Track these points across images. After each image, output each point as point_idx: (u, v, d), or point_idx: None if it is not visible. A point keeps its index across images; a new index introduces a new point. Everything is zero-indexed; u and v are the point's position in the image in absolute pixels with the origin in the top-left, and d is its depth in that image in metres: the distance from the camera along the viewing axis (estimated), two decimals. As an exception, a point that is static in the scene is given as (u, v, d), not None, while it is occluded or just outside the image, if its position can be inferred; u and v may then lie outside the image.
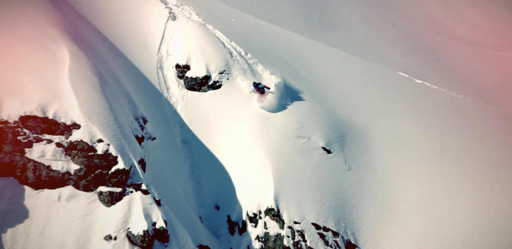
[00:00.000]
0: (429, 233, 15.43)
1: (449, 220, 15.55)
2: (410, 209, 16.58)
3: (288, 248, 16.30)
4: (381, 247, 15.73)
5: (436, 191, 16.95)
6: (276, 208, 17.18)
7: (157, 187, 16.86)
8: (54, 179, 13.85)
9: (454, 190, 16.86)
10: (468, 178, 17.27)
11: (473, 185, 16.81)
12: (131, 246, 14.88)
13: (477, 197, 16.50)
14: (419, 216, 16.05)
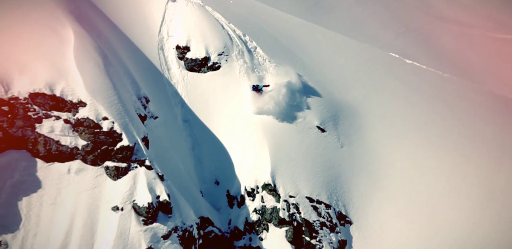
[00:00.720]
0: (414, 202, 16.51)
1: (433, 190, 16.63)
2: (396, 181, 17.62)
3: (283, 219, 17.40)
4: (369, 217, 16.88)
5: (421, 164, 17.96)
6: (273, 183, 18.10)
7: (160, 163, 17.65)
8: (63, 153, 14.58)
9: (439, 163, 17.89)
10: (452, 152, 18.26)
11: (457, 158, 17.81)
12: (137, 216, 15.86)
13: (460, 168, 17.54)
14: (405, 187, 17.10)
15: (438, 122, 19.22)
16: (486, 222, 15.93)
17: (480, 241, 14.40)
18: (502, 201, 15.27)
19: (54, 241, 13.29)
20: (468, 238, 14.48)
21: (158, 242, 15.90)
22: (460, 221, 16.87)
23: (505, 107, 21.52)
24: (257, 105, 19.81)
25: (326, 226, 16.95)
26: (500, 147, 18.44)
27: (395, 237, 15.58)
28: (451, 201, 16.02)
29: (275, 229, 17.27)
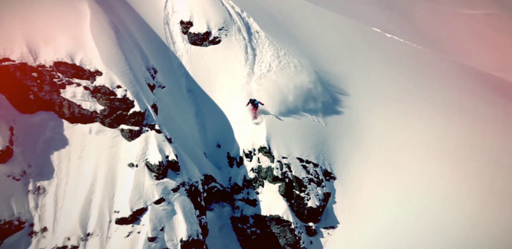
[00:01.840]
0: (389, 158, 18.64)
1: (405, 146, 18.77)
2: (375, 141, 19.65)
3: (277, 177, 19.58)
4: (350, 173, 19.09)
5: (397, 125, 20.03)
6: (268, 146, 20.07)
7: (168, 127, 19.56)
8: (84, 115, 16.41)
9: (413, 124, 20.03)
10: (422, 114, 20.43)
11: (426, 119, 20.00)
12: (149, 172, 18.01)
13: (428, 128, 19.71)
14: (382, 145, 19.13)
15: (412, 89, 21.17)
16: (448, 168, 18.12)
17: (446, 184, 16.76)
18: (457, 151, 17.66)
19: (82, 189, 15.44)
20: (435, 182, 16.85)
21: (169, 194, 18.19)
22: (427, 170, 18.99)
23: (467, 74, 23.56)
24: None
25: (313, 181, 19.23)
26: (459, 107, 20.95)
27: (373, 189, 17.88)
28: (419, 154, 18.30)
29: (270, 185, 19.53)
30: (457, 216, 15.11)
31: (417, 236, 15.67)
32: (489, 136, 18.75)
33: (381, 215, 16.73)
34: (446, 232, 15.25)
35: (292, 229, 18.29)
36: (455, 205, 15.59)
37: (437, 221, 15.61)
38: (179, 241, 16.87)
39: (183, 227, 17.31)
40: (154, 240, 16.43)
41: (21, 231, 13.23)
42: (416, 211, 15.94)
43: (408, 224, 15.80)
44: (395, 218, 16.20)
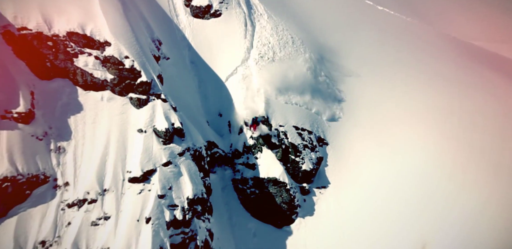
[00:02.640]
0: (377, 124, 20.00)
1: (392, 113, 20.04)
2: (364, 108, 20.93)
3: (274, 143, 21.05)
4: (341, 138, 20.46)
5: (385, 93, 21.26)
6: (266, 116, 21.42)
7: (173, 97, 20.67)
8: (96, 83, 17.47)
9: (400, 91, 21.27)
10: (410, 83, 21.64)
11: (413, 87, 21.27)
12: (157, 138, 19.36)
13: (413, 96, 20.98)
14: (371, 112, 20.43)
15: (399, 59, 22.21)
16: (430, 131, 19.54)
17: (429, 146, 18.24)
18: (439, 115, 19.10)
19: (97, 150, 16.81)
20: (419, 144, 18.40)
21: (175, 158, 19.66)
22: (411, 134, 20.32)
23: (449, 44, 24.51)
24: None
25: (308, 147, 20.74)
26: (441, 75, 22.15)
27: (362, 152, 19.37)
28: (404, 119, 19.63)
29: (268, 151, 20.99)
30: (440, 176, 16.61)
31: (402, 194, 17.31)
32: (467, 100, 20.03)
33: (369, 175, 18.37)
34: (429, 190, 16.87)
35: (287, 189, 20.02)
36: (437, 165, 17.09)
37: (420, 180, 17.21)
38: (186, 199, 18.53)
39: (189, 187, 18.95)
40: (163, 198, 18.09)
41: (47, 184, 14.74)
42: (401, 171, 17.50)
43: (394, 183, 17.41)
44: (382, 178, 17.83)
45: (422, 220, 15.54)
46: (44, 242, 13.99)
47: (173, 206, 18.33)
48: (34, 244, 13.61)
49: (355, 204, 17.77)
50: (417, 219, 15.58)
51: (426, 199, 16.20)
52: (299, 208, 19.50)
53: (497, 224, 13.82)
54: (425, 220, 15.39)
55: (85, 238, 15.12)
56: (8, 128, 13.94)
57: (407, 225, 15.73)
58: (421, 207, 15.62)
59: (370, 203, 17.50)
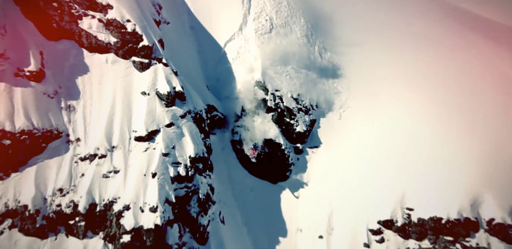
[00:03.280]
0: (367, 87, 21.01)
1: (383, 75, 21.07)
2: (355, 72, 21.84)
3: (270, 107, 21.94)
4: (333, 101, 21.72)
5: (375, 56, 21.99)
6: (263, 81, 22.21)
7: (174, 61, 21.19)
8: (100, 46, 17.89)
9: (389, 54, 21.99)
10: (399, 46, 22.44)
11: (402, 50, 22.14)
12: (160, 101, 20.13)
13: (406, 58, 21.67)
14: (361, 75, 21.38)
15: (389, 23, 22.75)
16: (417, 92, 20.36)
17: (415, 106, 19.06)
18: (426, 77, 20.21)
19: (104, 110, 17.60)
20: (406, 106, 19.25)
21: (177, 119, 20.62)
22: (399, 95, 20.88)
23: (436, 6, 24.86)
24: None
25: (302, 110, 21.73)
26: (427, 37, 22.95)
27: (352, 114, 20.41)
28: (393, 81, 20.68)
29: (264, 114, 22.06)
30: (424, 133, 17.65)
31: (388, 150, 18.48)
32: (451, 62, 20.81)
33: (357, 135, 19.55)
34: (413, 146, 17.96)
35: (282, 149, 21.33)
36: (422, 123, 17.94)
37: (405, 137, 18.30)
38: (188, 157, 19.72)
39: (190, 147, 20.10)
40: (167, 156, 19.27)
41: (60, 139, 15.70)
42: (388, 129, 18.57)
43: (381, 140, 18.57)
44: (369, 137, 18.98)
45: (403, 172, 16.89)
46: (62, 190, 15.24)
47: (176, 163, 19.57)
48: (53, 190, 14.84)
49: (344, 161, 19.14)
50: (399, 172, 16.92)
51: (409, 154, 17.47)
52: (293, 166, 20.92)
53: (469, 175, 15.31)
54: (406, 173, 16.76)
55: (98, 188, 16.41)
56: (22, 85, 14.61)
57: (390, 177, 17.16)
58: (404, 161, 16.93)
59: (357, 159, 18.83)
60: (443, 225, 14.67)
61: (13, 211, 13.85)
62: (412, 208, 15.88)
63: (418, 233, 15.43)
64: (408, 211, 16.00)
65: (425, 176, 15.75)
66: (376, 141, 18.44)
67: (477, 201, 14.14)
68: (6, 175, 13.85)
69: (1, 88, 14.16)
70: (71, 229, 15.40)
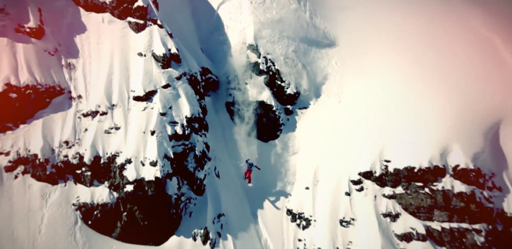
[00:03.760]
0: (356, 50, 21.56)
1: (371, 38, 21.66)
2: (346, 35, 22.44)
3: (262, 70, 22.59)
4: (323, 63, 22.60)
5: (365, 21, 22.52)
6: (255, 44, 22.64)
7: (169, 24, 21.37)
8: (96, 5, 18.00)
9: (377, 18, 22.42)
10: (387, 10, 22.74)
11: (393, 14, 22.72)
12: (156, 62, 20.62)
13: (393, 22, 22.37)
14: (351, 39, 22.03)
15: None
16: (403, 55, 20.92)
17: (400, 68, 19.82)
18: (410, 41, 20.99)
19: (103, 70, 18.15)
20: (392, 66, 19.90)
21: (173, 81, 21.26)
22: (386, 58, 21.27)
23: None
24: None
25: (292, 73, 22.56)
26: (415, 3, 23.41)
27: (339, 78, 21.35)
28: (381, 45, 21.23)
29: (256, 77, 22.85)
30: (405, 92, 18.72)
31: (372, 107, 19.55)
32: (437, 27, 21.30)
33: (344, 96, 20.66)
34: (395, 103, 18.93)
35: (273, 110, 22.36)
36: (407, 80, 18.91)
37: (390, 95, 19.10)
38: (184, 117, 20.66)
39: (186, 107, 20.96)
40: (164, 115, 20.15)
41: (63, 95, 16.40)
42: (374, 90, 19.58)
43: (366, 101, 19.65)
44: (355, 97, 20.09)
45: (384, 129, 18.11)
46: (68, 142, 16.22)
47: (173, 123, 20.56)
48: (60, 142, 15.81)
49: (331, 120, 20.30)
50: (381, 128, 18.21)
51: (390, 111, 18.58)
52: (283, 126, 22.13)
53: (441, 128, 16.71)
54: (387, 129, 17.99)
55: (101, 143, 17.43)
56: (23, 41, 14.97)
57: (372, 133, 18.42)
58: (385, 118, 18.04)
59: (343, 117, 19.90)
60: (415, 173, 16.25)
61: (24, 158, 14.89)
62: (390, 160, 17.38)
63: (393, 181, 17.06)
64: (386, 162, 17.51)
65: (403, 130, 17.05)
66: (362, 100, 19.53)
67: (446, 150, 15.61)
68: (16, 126, 14.71)
69: (4, 43, 14.57)
70: (79, 178, 16.61)
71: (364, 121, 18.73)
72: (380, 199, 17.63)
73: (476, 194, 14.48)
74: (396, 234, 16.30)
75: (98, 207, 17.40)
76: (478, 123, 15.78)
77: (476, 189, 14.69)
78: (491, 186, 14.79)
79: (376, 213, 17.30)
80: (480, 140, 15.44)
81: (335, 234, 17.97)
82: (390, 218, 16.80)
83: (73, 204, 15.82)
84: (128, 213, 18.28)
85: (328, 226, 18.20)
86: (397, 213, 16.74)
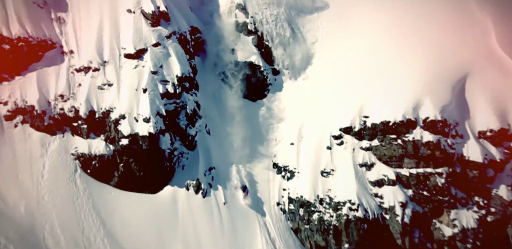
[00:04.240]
0: (340, 7, 22.64)
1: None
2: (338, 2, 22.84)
3: (251, 30, 22.70)
4: (310, 24, 23.03)
5: None
6: (243, 4, 22.45)
7: (156, -20, 21.00)
8: (83, -42, 17.57)
9: None
10: None
11: None
12: (145, 20, 20.52)
13: None
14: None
15: None
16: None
17: (385, 27, 20.46)
18: None
19: (93, 26, 18.12)
20: (375, 27, 20.53)
21: (163, 40, 21.27)
22: (373, 17, 21.79)
23: None
24: None
25: (281, 34, 22.82)
26: None
27: (326, 34, 22.07)
28: (369, 6, 21.84)
29: (245, 37, 23.08)
30: (386, 51, 19.48)
31: (355, 68, 20.30)
32: None
33: (330, 55, 21.21)
34: (377, 60, 19.64)
35: (261, 70, 22.93)
36: (389, 39, 19.62)
37: (372, 56, 19.96)
38: (175, 76, 21.03)
39: (177, 67, 21.29)
40: (156, 74, 20.47)
41: (55, 49, 16.58)
42: (357, 50, 20.28)
43: (350, 60, 20.37)
44: (340, 57, 20.78)
45: (364, 86, 19.16)
46: (63, 96, 16.68)
47: (165, 81, 20.98)
48: (55, 96, 16.27)
49: (315, 78, 21.20)
50: (361, 86, 19.25)
51: (371, 69, 19.40)
52: (271, 86, 22.88)
53: (415, 84, 17.78)
54: (366, 86, 18.99)
55: (95, 98, 17.95)
56: (11, -8, 14.78)
57: (354, 91, 19.43)
58: (366, 76, 18.94)
59: (327, 76, 20.79)
60: (390, 126, 17.52)
61: (22, 109, 15.41)
62: (368, 115, 18.59)
63: (370, 135, 18.38)
64: (365, 118, 18.71)
65: (381, 88, 18.07)
66: (345, 60, 20.29)
67: (418, 104, 16.74)
68: (11, 77, 15.02)
69: (-8, -6, 14.36)
70: (76, 130, 17.31)
71: (347, 80, 19.64)
72: (358, 151, 19.09)
73: (441, 142, 15.95)
74: (370, 181, 17.97)
75: (95, 158, 18.35)
76: (448, 77, 16.85)
77: (441, 137, 16.13)
78: (454, 134, 16.25)
79: (354, 163, 18.83)
80: (448, 93, 16.58)
81: (316, 184, 19.59)
82: (366, 167, 18.38)
83: (72, 154, 16.67)
84: (124, 164, 19.34)
85: (310, 177, 19.76)
86: (372, 163, 18.30)
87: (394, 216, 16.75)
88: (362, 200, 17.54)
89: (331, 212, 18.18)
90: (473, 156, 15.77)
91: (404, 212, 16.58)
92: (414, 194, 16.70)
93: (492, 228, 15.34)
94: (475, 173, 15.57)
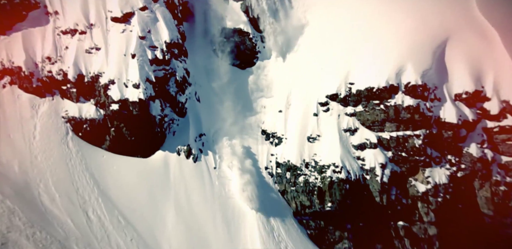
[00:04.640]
0: None
1: None
2: None
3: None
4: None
5: None
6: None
7: None
8: None
9: None
10: None
11: None
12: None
13: None
14: None
15: None
16: None
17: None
18: None
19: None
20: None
21: (150, 3, 20.61)
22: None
23: None
24: None
25: (269, 0, 22.68)
26: None
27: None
28: None
29: (233, 2, 22.66)
30: (371, 19, 19.41)
31: (341, 36, 20.38)
32: None
33: (317, 22, 21.12)
34: (362, 33, 19.55)
35: (250, 38, 22.76)
36: (374, 11, 19.53)
37: (358, 24, 20.02)
38: (164, 42, 20.72)
39: (165, 32, 20.88)
40: (144, 39, 20.06)
41: (39, 9, 16.06)
42: (344, 19, 20.20)
43: (337, 28, 20.29)
44: (327, 24, 20.68)
45: (350, 54, 19.44)
46: (50, 58, 16.44)
47: (153, 47, 20.62)
48: (42, 57, 16.03)
49: (303, 45, 21.29)
50: (347, 54, 19.56)
51: (357, 38, 19.56)
52: (259, 53, 22.89)
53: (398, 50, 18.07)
54: (352, 54, 19.30)
55: (83, 62, 17.73)
56: None
57: (340, 59, 19.78)
58: (352, 44, 19.15)
59: (314, 43, 20.82)
60: (374, 92, 18.08)
61: (9, 69, 15.21)
62: (353, 82, 19.04)
63: (355, 101, 18.92)
64: (350, 85, 19.14)
65: (366, 55, 18.37)
66: (331, 28, 20.35)
67: (400, 70, 17.20)
68: (-5, 37, 14.65)
69: None
70: (65, 93, 17.25)
71: (334, 48, 19.83)
72: (343, 117, 19.72)
73: (421, 105, 16.65)
74: (354, 145, 18.80)
75: (86, 122, 18.44)
76: (429, 42, 17.23)
77: (421, 101, 16.81)
78: (433, 98, 16.96)
79: (339, 129, 19.53)
80: (429, 58, 17.02)
81: (302, 149, 20.34)
82: (350, 132, 19.13)
83: (62, 117, 16.73)
84: (115, 129, 19.53)
85: (297, 143, 20.45)
86: (356, 128, 19.04)
87: (374, 176, 17.80)
88: (345, 163, 18.46)
89: (316, 175, 19.10)
90: (449, 117, 16.59)
91: (384, 172, 17.61)
92: (393, 156, 17.66)
93: (461, 182, 16.63)
94: (449, 133, 16.47)
